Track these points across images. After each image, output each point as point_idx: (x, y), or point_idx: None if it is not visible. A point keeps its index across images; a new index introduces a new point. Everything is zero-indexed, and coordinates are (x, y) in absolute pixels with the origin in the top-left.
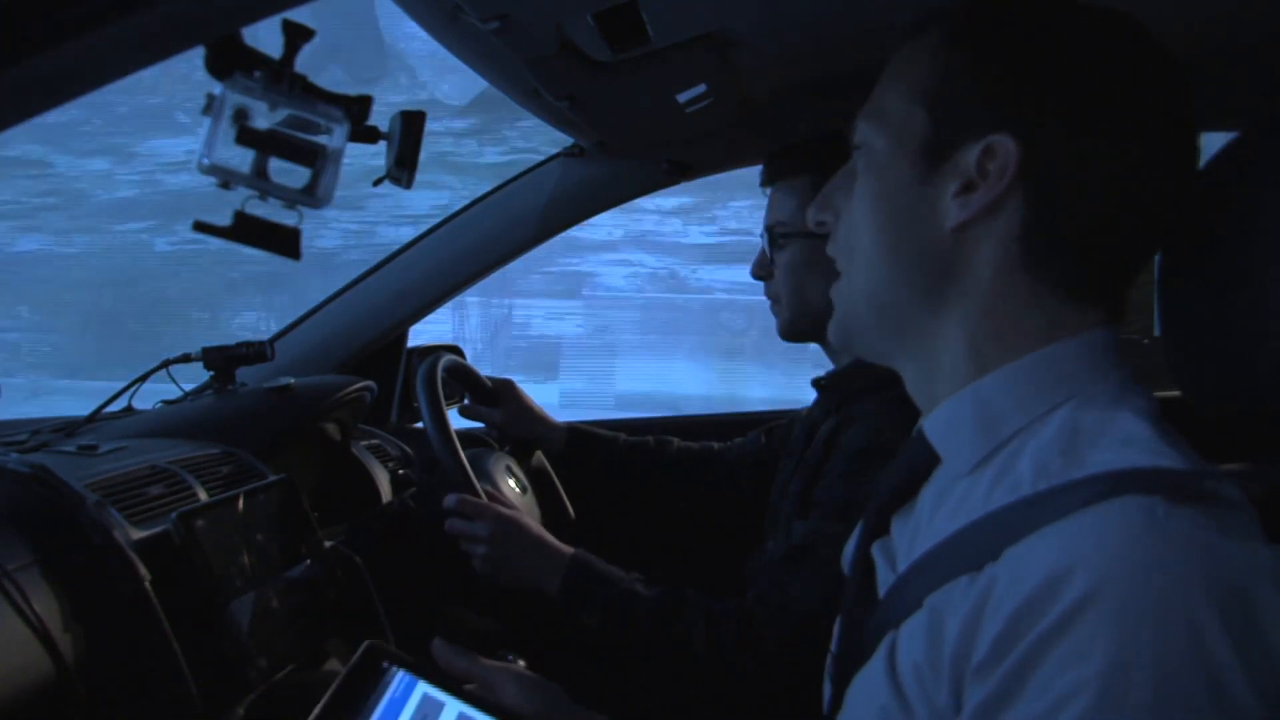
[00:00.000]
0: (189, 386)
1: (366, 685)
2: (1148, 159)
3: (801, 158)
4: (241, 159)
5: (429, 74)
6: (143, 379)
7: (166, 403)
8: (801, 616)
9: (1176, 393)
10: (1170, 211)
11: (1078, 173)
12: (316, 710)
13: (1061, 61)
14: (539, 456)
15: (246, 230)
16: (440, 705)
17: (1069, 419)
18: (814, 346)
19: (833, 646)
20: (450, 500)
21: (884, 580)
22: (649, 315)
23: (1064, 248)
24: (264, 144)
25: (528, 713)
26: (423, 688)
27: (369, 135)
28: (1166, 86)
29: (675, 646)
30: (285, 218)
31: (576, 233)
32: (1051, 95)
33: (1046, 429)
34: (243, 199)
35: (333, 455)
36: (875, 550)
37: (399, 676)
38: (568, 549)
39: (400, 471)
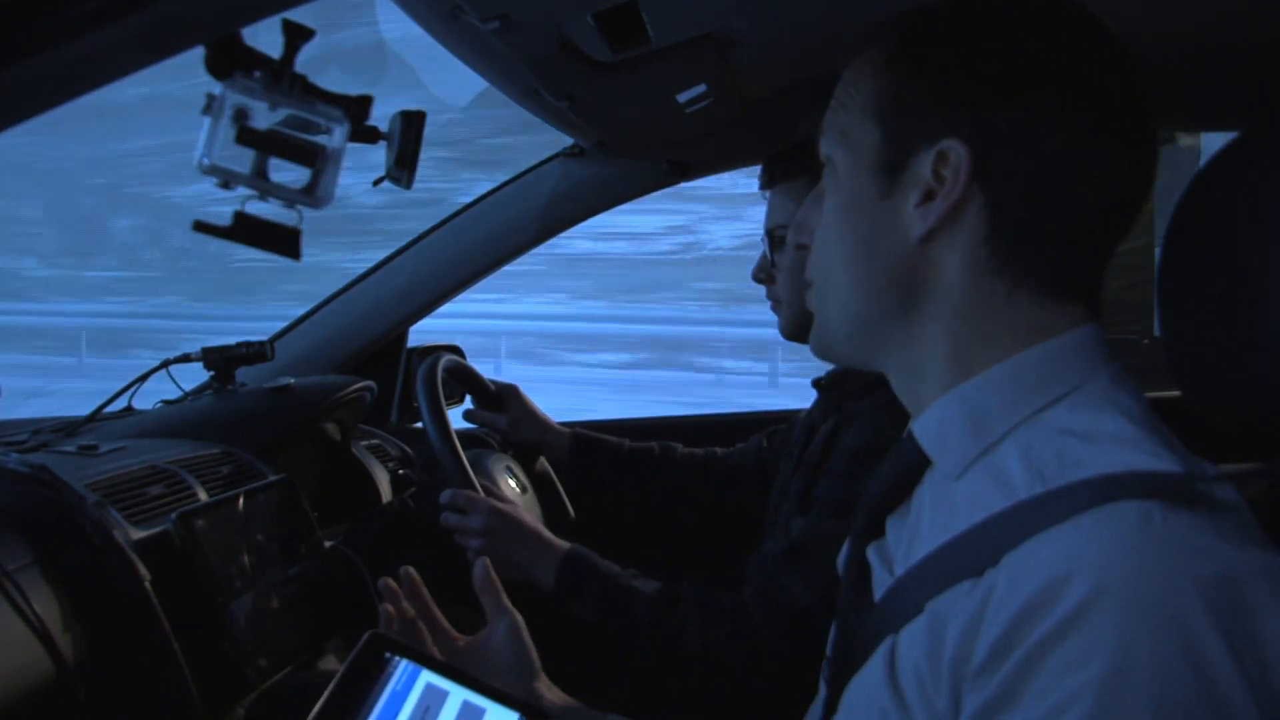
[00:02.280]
0: (189, 386)
1: (369, 676)
2: (1097, 138)
3: (800, 159)
4: (241, 159)
5: None
6: (143, 379)
7: (166, 403)
8: (797, 613)
9: (1176, 393)
10: (1134, 192)
11: (1030, 165)
12: (320, 703)
13: (995, 58)
14: (543, 463)
15: (247, 230)
16: (444, 694)
17: (1061, 419)
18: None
19: (828, 649)
20: (445, 495)
21: (880, 582)
22: None
23: (1031, 243)
24: (264, 144)
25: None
26: (426, 677)
27: (369, 135)
28: (1105, 63)
29: (670, 641)
30: (285, 217)
31: None
32: (990, 93)
33: (1038, 429)
34: (243, 199)
35: (333, 455)
36: (870, 552)
37: (402, 666)
38: (564, 543)
39: (400, 471)
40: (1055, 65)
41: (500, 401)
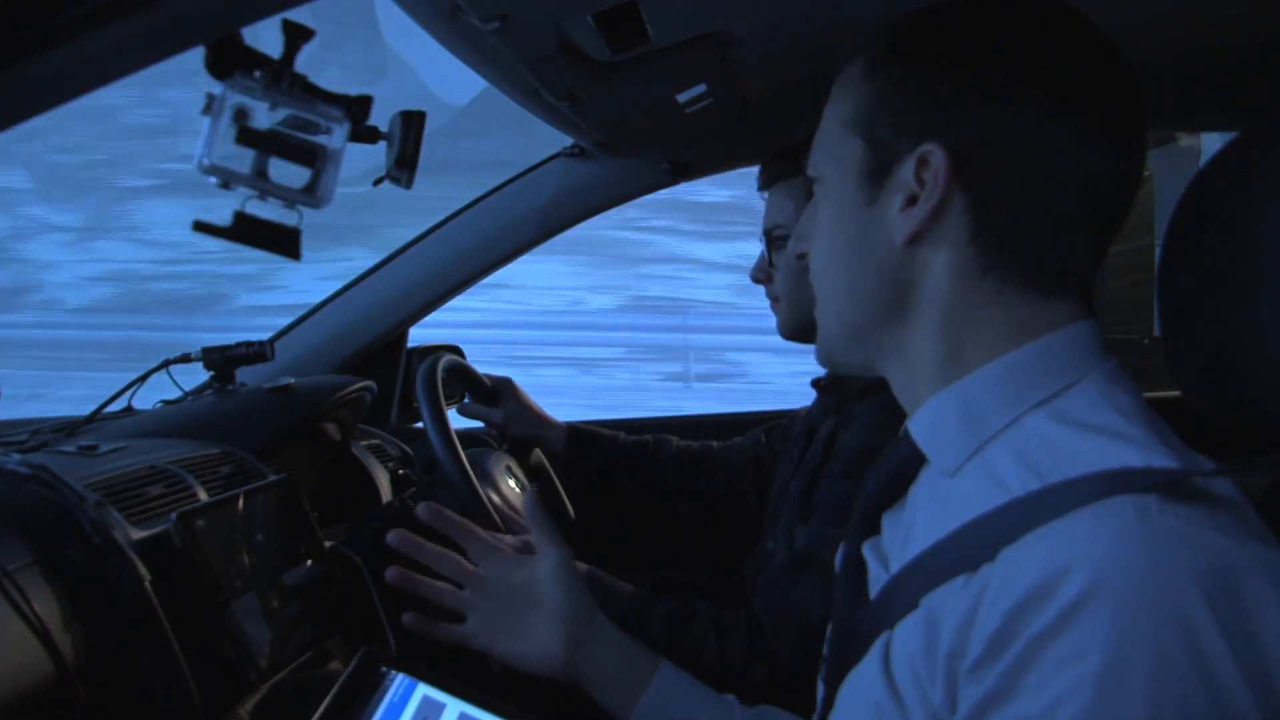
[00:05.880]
0: (189, 386)
1: (365, 690)
2: (1078, 135)
3: (797, 160)
4: (241, 159)
5: None
6: (142, 379)
7: (166, 403)
8: (809, 624)
9: (1176, 393)
10: (1120, 187)
11: (1009, 164)
12: (315, 718)
13: (973, 60)
14: (538, 455)
15: (247, 230)
16: (441, 706)
17: (1056, 414)
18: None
19: (825, 649)
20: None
21: (876, 580)
22: None
23: (1017, 241)
24: (264, 144)
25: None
26: (422, 690)
27: (369, 135)
28: (1087, 59)
29: (686, 659)
30: (286, 217)
31: None
32: (967, 95)
33: (1033, 425)
34: (243, 199)
35: (333, 455)
36: (866, 549)
37: (398, 680)
38: (577, 565)
39: (400, 471)
40: (1033, 64)
41: (495, 395)
